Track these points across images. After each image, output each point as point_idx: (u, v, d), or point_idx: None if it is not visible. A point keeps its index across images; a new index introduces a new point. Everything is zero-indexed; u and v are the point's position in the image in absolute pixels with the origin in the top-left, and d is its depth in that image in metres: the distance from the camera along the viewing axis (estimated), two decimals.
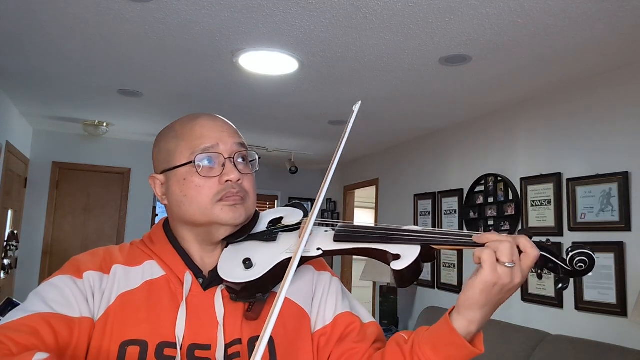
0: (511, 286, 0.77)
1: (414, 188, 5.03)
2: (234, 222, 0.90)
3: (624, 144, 2.90)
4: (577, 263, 0.78)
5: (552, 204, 3.31)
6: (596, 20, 2.39)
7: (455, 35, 2.61)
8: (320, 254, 0.88)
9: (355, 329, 0.94)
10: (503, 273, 0.75)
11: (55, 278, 0.86)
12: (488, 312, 0.79)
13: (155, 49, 2.99)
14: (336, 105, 4.04)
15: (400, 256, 0.82)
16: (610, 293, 2.85)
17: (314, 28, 2.61)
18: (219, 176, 0.90)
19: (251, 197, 0.94)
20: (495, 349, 3.26)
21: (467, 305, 0.79)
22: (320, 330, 0.94)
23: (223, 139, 0.93)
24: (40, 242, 5.60)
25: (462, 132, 4.38)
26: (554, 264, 0.80)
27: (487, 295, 0.77)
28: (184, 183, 0.91)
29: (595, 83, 3.12)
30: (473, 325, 0.79)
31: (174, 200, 0.92)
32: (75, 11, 2.53)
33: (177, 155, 0.92)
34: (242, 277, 0.86)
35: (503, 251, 0.76)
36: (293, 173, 6.15)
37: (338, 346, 0.93)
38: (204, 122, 0.94)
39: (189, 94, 3.92)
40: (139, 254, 0.94)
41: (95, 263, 0.89)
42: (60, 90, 4.00)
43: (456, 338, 0.79)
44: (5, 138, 4.40)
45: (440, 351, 0.81)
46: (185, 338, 0.84)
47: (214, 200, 0.89)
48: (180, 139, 0.93)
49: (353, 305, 1.00)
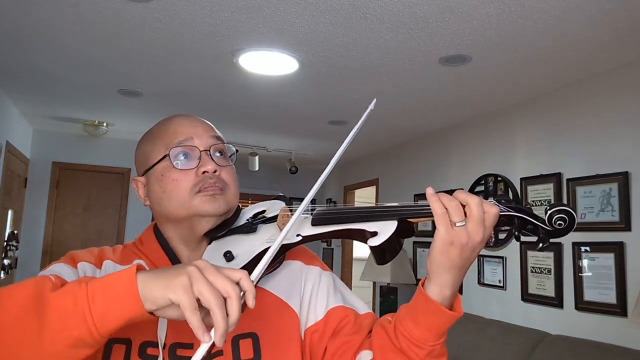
0: (472, 244, 0.76)
1: (414, 188, 5.02)
2: (215, 212, 0.90)
3: (624, 144, 2.90)
4: (557, 221, 0.76)
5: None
6: (596, 20, 2.39)
7: (455, 35, 2.61)
8: (300, 239, 0.87)
9: (349, 322, 0.93)
10: (458, 231, 0.75)
11: (53, 266, 0.88)
12: (457, 274, 0.79)
13: (155, 49, 2.99)
14: (336, 105, 4.04)
15: (377, 233, 0.80)
16: (610, 293, 2.85)
17: (314, 28, 2.61)
18: (196, 168, 0.91)
19: (231, 189, 0.94)
20: (495, 349, 3.26)
21: (433, 270, 0.79)
22: (312, 327, 0.93)
23: (197, 133, 0.94)
24: (40, 242, 5.60)
25: (462, 132, 4.38)
26: (533, 225, 0.78)
27: (447, 255, 0.77)
28: (162, 179, 0.91)
29: (596, 83, 3.12)
30: (446, 289, 0.79)
31: (155, 198, 0.94)
32: (75, 11, 2.53)
33: (153, 154, 0.94)
34: None
35: (451, 211, 0.76)
36: (293, 173, 6.15)
37: (333, 340, 0.92)
38: (177, 120, 0.96)
39: (189, 94, 3.92)
40: (129, 254, 0.96)
41: (90, 257, 0.92)
42: (60, 90, 4.00)
43: (432, 305, 0.79)
44: (5, 138, 4.40)
45: (421, 322, 0.81)
46: (167, 337, 0.84)
47: (192, 192, 0.90)
48: (156, 138, 0.95)
49: (346, 298, 0.98)
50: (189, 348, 0.85)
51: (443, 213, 0.76)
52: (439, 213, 0.76)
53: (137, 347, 0.83)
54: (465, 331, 3.56)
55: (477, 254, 0.79)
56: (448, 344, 0.84)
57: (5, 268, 4.63)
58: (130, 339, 0.84)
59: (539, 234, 0.78)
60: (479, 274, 3.97)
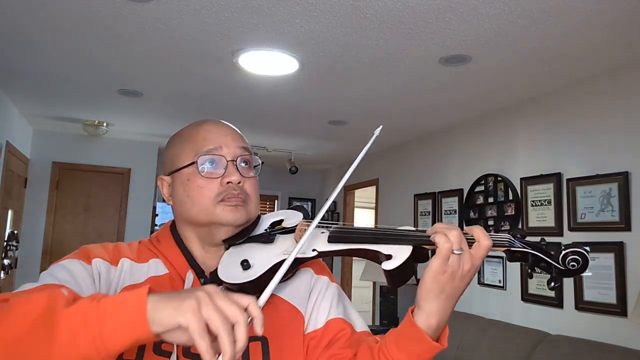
0: (462, 273, 0.79)
1: (414, 188, 5.03)
2: (235, 222, 0.92)
3: (624, 144, 2.90)
4: (570, 262, 0.76)
5: (552, 204, 3.31)
6: (596, 20, 2.39)
7: (455, 35, 2.61)
8: (316, 254, 0.89)
9: (345, 336, 0.95)
10: (452, 260, 0.78)
11: (66, 261, 0.88)
12: (445, 303, 0.81)
13: (155, 49, 2.99)
14: (336, 105, 4.04)
15: (392, 256, 0.82)
16: (610, 293, 2.85)
17: (314, 28, 2.61)
18: (221, 177, 0.93)
19: (253, 200, 0.96)
20: (495, 349, 3.26)
21: (423, 296, 0.81)
22: (311, 334, 0.95)
23: (226, 143, 0.95)
24: (40, 242, 5.60)
25: (462, 132, 4.38)
26: (546, 263, 0.79)
27: (438, 283, 0.79)
28: (187, 184, 0.93)
29: (595, 83, 3.12)
30: (432, 317, 0.81)
31: (178, 200, 0.96)
32: (76, 11, 2.53)
33: (182, 157, 0.96)
34: (239, 278, 0.88)
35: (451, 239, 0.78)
36: (293, 173, 6.15)
37: (325, 351, 0.93)
38: (208, 127, 0.98)
39: (189, 94, 3.92)
40: (145, 252, 0.97)
41: (105, 254, 0.92)
42: (60, 90, 4.00)
43: (417, 332, 0.81)
44: (5, 138, 4.40)
45: (403, 347, 0.83)
46: None
47: (215, 200, 0.92)
48: (185, 142, 0.97)
49: (348, 312, 1.00)
50: None
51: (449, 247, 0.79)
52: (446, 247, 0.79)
53: (151, 343, 0.83)
54: (465, 331, 3.56)
55: (466, 284, 0.81)
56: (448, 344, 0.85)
57: (5, 268, 4.63)
58: None
59: (551, 273, 0.78)
60: (479, 274, 3.97)
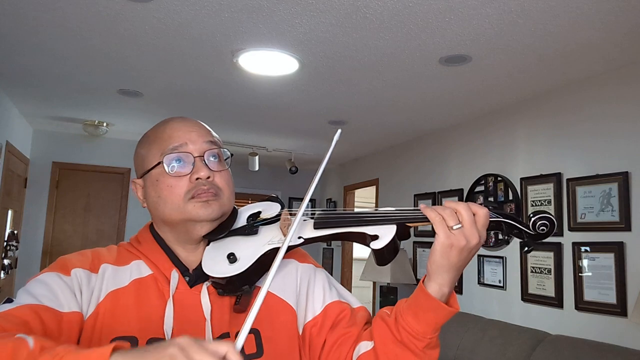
0: (470, 246, 0.83)
1: (414, 188, 5.03)
2: (208, 217, 0.92)
3: (624, 144, 2.90)
4: (540, 227, 0.85)
5: (552, 204, 3.31)
6: (596, 20, 2.39)
7: (455, 35, 2.61)
8: (302, 242, 0.91)
9: (347, 316, 0.98)
10: (457, 234, 0.82)
11: (42, 275, 0.87)
12: (455, 274, 0.86)
13: (155, 49, 2.99)
14: (336, 105, 4.04)
15: (378, 236, 0.86)
16: (610, 293, 2.85)
17: (314, 28, 2.61)
18: (189, 174, 0.92)
19: (225, 193, 0.95)
20: (495, 349, 3.26)
21: (434, 270, 0.85)
22: (311, 322, 0.97)
23: (192, 139, 0.95)
24: (40, 242, 5.60)
25: (462, 132, 4.38)
26: (518, 230, 0.87)
27: (447, 257, 0.83)
28: (157, 184, 0.93)
29: (595, 83, 3.12)
30: (445, 287, 0.86)
31: (151, 201, 0.96)
32: (75, 11, 2.53)
33: (149, 158, 0.96)
34: (227, 272, 0.89)
35: (446, 216, 0.83)
36: (293, 173, 6.15)
37: (332, 333, 0.96)
38: (173, 124, 0.97)
39: (189, 94, 3.92)
40: (126, 254, 0.96)
41: (83, 262, 0.91)
42: (60, 90, 4.00)
43: (433, 302, 0.85)
44: (5, 138, 4.40)
45: (421, 317, 0.87)
46: (173, 334, 0.86)
47: (186, 198, 0.92)
48: (152, 143, 0.97)
49: (341, 293, 1.03)
50: None
51: (440, 219, 0.83)
52: (436, 219, 0.84)
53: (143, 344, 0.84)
54: (465, 331, 3.56)
55: (473, 255, 0.86)
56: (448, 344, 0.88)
57: (5, 268, 4.63)
58: (136, 336, 0.85)
59: (523, 238, 0.87)
60: (479, 274, 3.97)
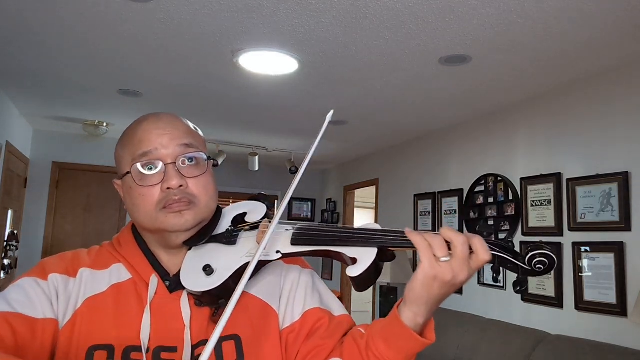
0: (455, 282, 0.76)
1: (414, 188, 5.03)
2: (181, 228, 0.87)
3: (624, 144, 2.90)
4: (537, 264, 0.76)
5: (552, 204, 3.31)
6: (596, 20, 2.39)
7: (455, 35, 2.61)
8: (279, 257, 0.87)
9: (324, 325, 0.92)
10: (443, 267, 0.75)
11: (21, 280, 0.85)
12: (433, 306, 0.80)
13: (155, 49, 2.99)
14: (336, 105, 4.04)
15: (357, 260, 0.81)
16: (610, 293, 2.85)
17: (314, 28, 2.61)
18: (160, 183, 0.86)
19: (202, 200, 0.89)
20: (495, 349, 3.26)
21: (411, 299, 0.79)
22: (288, 328, 0.92)
23: (163, 143, 0.88)
24: (40, 242, 5.60)
25: (462, 132, 4.38)
26: (512, 264, 0.78)
27: (428, 289, 0.77)
28: (131, 192, 0.88)
29: (595, 83, 3.12)
30: (419, 317, 0.80)
31: (128, 207, 0.91)
32: (76, 11, 2.53)
33: (123, 162, 0.90)
34: (202, 285, 0.85)
35: (435, 244, 0.76)
36: (293, 173, 6.15)
37: (306, 343, 0.91)
38: (146, 126, 0.90)
39: (189, 94, 3.92)
40: (107, 257, 0.93)
41: (62, 266, 0.88)
42: (60, 90, 4.00)
43: (406, 331, 0.80)
44: (5, 138, 4.40)
45: (392, 344, 0.82)
46: (151, 341, 0.83)
47: (157, 208, 0.86)
48: (124, 145, 0.91)
49: (323, 299, 0.97)
50: (173, 351, 0.84)
51: (426, 246, 0.76)
52: (422, 246, 0.77)
53: (120, 353, 0.82)
54: (465, 331, 3.56)
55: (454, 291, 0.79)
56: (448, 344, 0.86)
57: (5, 268, 4.63)
58: (113, 345, 0.82)
59: (517, 273, 0.78)
60: (479, 274, 3.96)
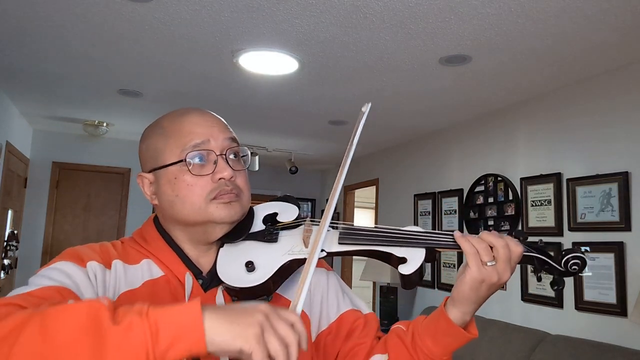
0: (500, 282, 0.84)
1: (414, 188, 5.02)
2: (230, 219, 0.88)
3: (624, 144, 2.90)
4: (572, 265, 0.84)
5: (552, 204, 3.31)
6: (596, 20, 2.39)
7: (455, 35, 2.61)
8: (324, 255, 0.87)
9: (360, 325, 0.97)
10: (489, 270, 0.82)
11: (57, 264, 0.81)
12: (479, 304, 0.86)
13: (155, 49, 2.99)
14: (336, 105, 4.04)
15: (407, 259, 0.84)
16: (610, 293, 2.85)
17: (314, 28, 2.61)
18: (212, 174, 0.88)
19: (245, 194, 0.92)
20: (495, 349, 3.26)
21: (460, 300, 0.85)
22: (325, 330, 0.96)
23: (214, 135, 0.90)
24: (40, 242, 5.60)
25: (462, 132, 4.38)
26: (549, 266, 0.86)
27: (476, 291, 0.84)
28: (175, 182, 0.87)
29: (596, 83, 3.12)
30: (467, 315, 0.86)
31: (166, 200, 0.89)
32: (76, 11, 2.53)
33: (166, 153, 0.89)
34: (245, 282, 0.85)
35: (481, 252, 0.83)
36: (293, 173, 6.15)
37: (346, 342, 0.95)
38: (193, 118, 0.91)
39: (189, 94, 3.92)
40: (133, 252, 0.91)
41: (97, 255, 0.86)
42: (60, 90, 4.00)
43: (454, 329, 0.86)
44: (5, 138, 4.40)
45: (440, 341, 0.87)
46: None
47: (207, 198, 0.87)
48: (168, 136, 0.90)
49: (353, 300, 1.02)
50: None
51: (474, 253, 0.83)
52: (471, 252, 0.83)
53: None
54: None
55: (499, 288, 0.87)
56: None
57: (5, 268, 4.63)
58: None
59: (553, 274, 0.86)
60: None
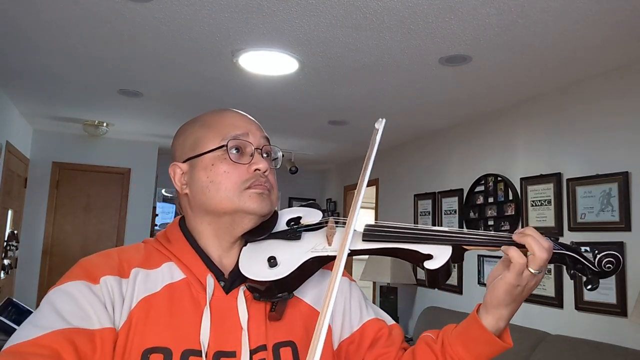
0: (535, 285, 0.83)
1: (414, 188, 5.02)
2: (261, 211, 0.89)
3: (624, 144, 2.90)
4: (606, 264, 0.82)
5: (552, 204, 3.31)
6: (596, 20, 2.39)
7: (455, 35, 2.61)
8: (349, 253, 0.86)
9: (384, 334, 0.96)
10: (527, 277, 0.81)
11: (68, 284, 0.80)
12: (514, 309, 0.85)
13: (155, 49, 2.99)
14: (336, 105, 4.04)
15: (433, 256, 0.83)
16: (610, 293, 2.85)
17: (314, 28, 2.61)
18: (248, 164, 0.90)
19: (275, 192, 0.94)
20: None
21: (494, 304, 0.84)
22: (348, 339, 0.95)
23: (252, 130, 0.95)
24: (40, 242, 5.60)
25: (462, 132, 4.38)
26: (582, 265, 0.83)
27: (511, 295, 0.82)
28: (212, 169, 0.89)
29: (596, 83, 3.12)
30: (501, 321, 0.84)
31: (199, 187, 0.90)
32: (76, 11, 2.53)
33: (205, 141, 0.92)
34: (267, 276, 0.84)
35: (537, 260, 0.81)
36: (293, 173, 6.15)
37: (370, 351, 0.94)
38: (233, 114, 0.98)
39: (189, 94, 3.92)
40: (155, 255, 0.90)
41: (112, 267, 0.84)
42: (60, 90, 4.00)
43: (487, 335, 0.83)
44: (5, 138, 4.40)
45: (472, 349, 0.85)
46: (209, 345, 0.81)
47: (241, 187, 0.88)
48: (208, 127, 0.93)
49: (377, 311, 1.02)
50: (232, 356, 0.82)
51: (523, 264, 0.81)
52: (520, 263, 0.81)
53: (178, 357, 0.79)
54: None
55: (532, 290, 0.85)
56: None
57: (5, 268, 4.63)
58: (170, 348, 0.80)
59: (587, 275, 0.84)
60: (479, 274, 3.97)
